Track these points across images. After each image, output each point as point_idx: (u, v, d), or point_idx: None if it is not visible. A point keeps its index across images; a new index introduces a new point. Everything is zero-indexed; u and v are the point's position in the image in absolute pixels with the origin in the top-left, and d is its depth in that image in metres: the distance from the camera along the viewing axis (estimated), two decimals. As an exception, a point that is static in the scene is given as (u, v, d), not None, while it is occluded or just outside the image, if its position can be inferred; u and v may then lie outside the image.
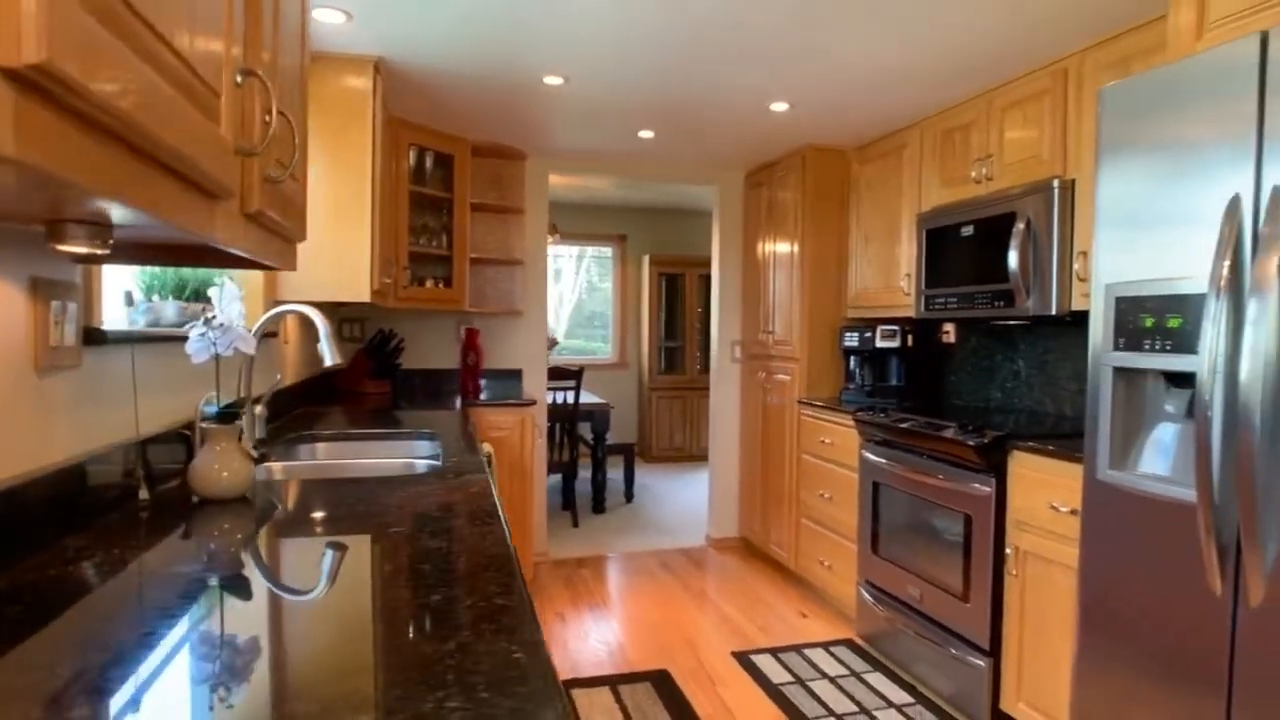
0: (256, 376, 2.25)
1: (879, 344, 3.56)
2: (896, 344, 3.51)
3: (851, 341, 3.72)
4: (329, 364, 1.89)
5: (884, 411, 3.16)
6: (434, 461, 2.05)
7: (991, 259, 2.81)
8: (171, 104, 0.65)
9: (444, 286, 3.85)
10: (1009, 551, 2.41)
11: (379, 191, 2.86)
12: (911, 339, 3.53)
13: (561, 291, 7.55)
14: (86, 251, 0.85)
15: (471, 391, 3.90)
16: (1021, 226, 2.64)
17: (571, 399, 5.07)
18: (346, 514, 1.37)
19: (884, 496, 3.07)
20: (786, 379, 4.06)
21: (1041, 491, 2.29)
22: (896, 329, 3.51)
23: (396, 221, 3.44)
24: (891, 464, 3.00)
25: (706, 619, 3.53)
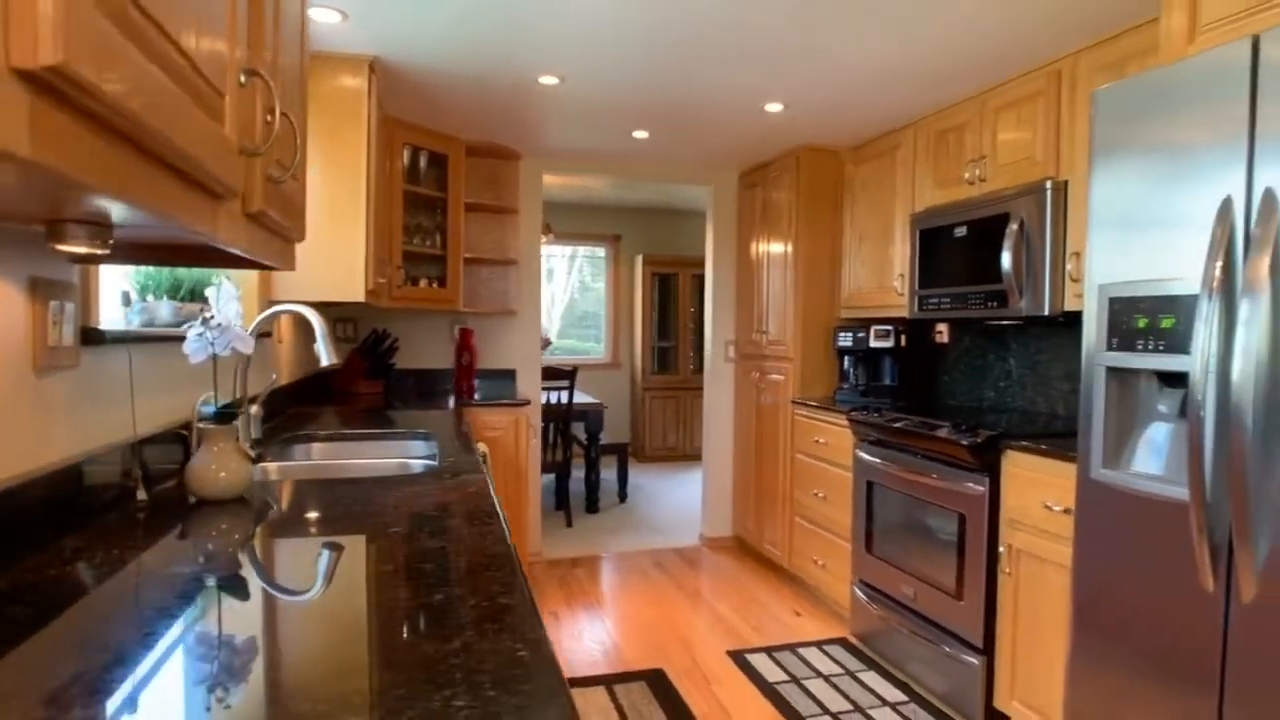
0: (251, 376, 2.24)
1: (873, 344, 3.58)
2: (890, 344, 3.53)
3: (845, 341, 3.74)
4: (326, 364, 1.89)
5: (878, 411, 3.18)
6: (430, 461, 2.05)
7: (985, 260, 2.82)
8: (179, 104, 0.66)
9: (438, 286, 3.84)
10: (1002, 550, 2.43)
11: (374, 191, 2.86)
12: (905, 339, 3.55)
13: (554, 291, 7.54)
14: (86, 251, 0.85)
15: (466, 391, 3.90)
16: (1015, 227, 2.66)
17: (565, 399, 5.08)
18: (345, 514, 1.37)
19: (878, 496, 3.09)
20: (780, 379, 4.07)
21: (1035, 490, 2.31)
22: (890, 329, 3.53)
23: (391, 221, 3.43)
24: (885, 463, 3.01)
25: (701, 618, 3.53)
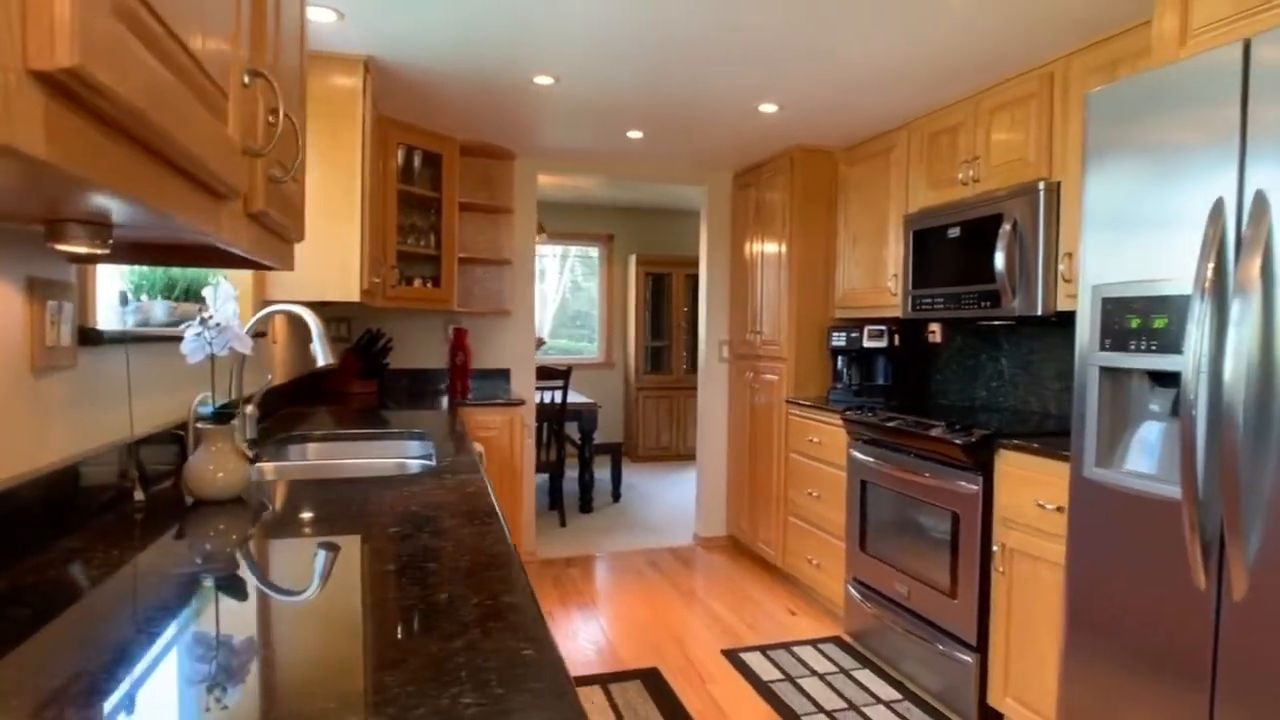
0: (245, 376, 2.24)
1: (866, 344, 3.60)
2: (883, 344, 3.54)
3: (839, 341, 3.75)
4: (322, 364, 1.88)
5: (872, 410, 3.19)
6: (428, 462, 2.04)
7: (978, 260, 2.84)
8: (187, 105, 0.66)
9: (432, 286, 3.84)
10: (996, 549, 2.45)
11: (368, 191, 2.85)
12: (898, 339, 3.57)
13: (545, 291, 7.54)
14: (86, 251, 0.85)
15: (460, 391, 3.90)
16: (1008, 228, 2.68)
17: (559, 399, 5.08)
18: (344, 514, 1.37)
19: (872, 495, 3.10)
20: (774, 378, 4.09)
21: (1028, 489, 2.32)
22: (883, 329, 3.55)
23: (385, 221, 3.42)
24: (879, 463, 3.03)
25: (695, 617, 3.54)
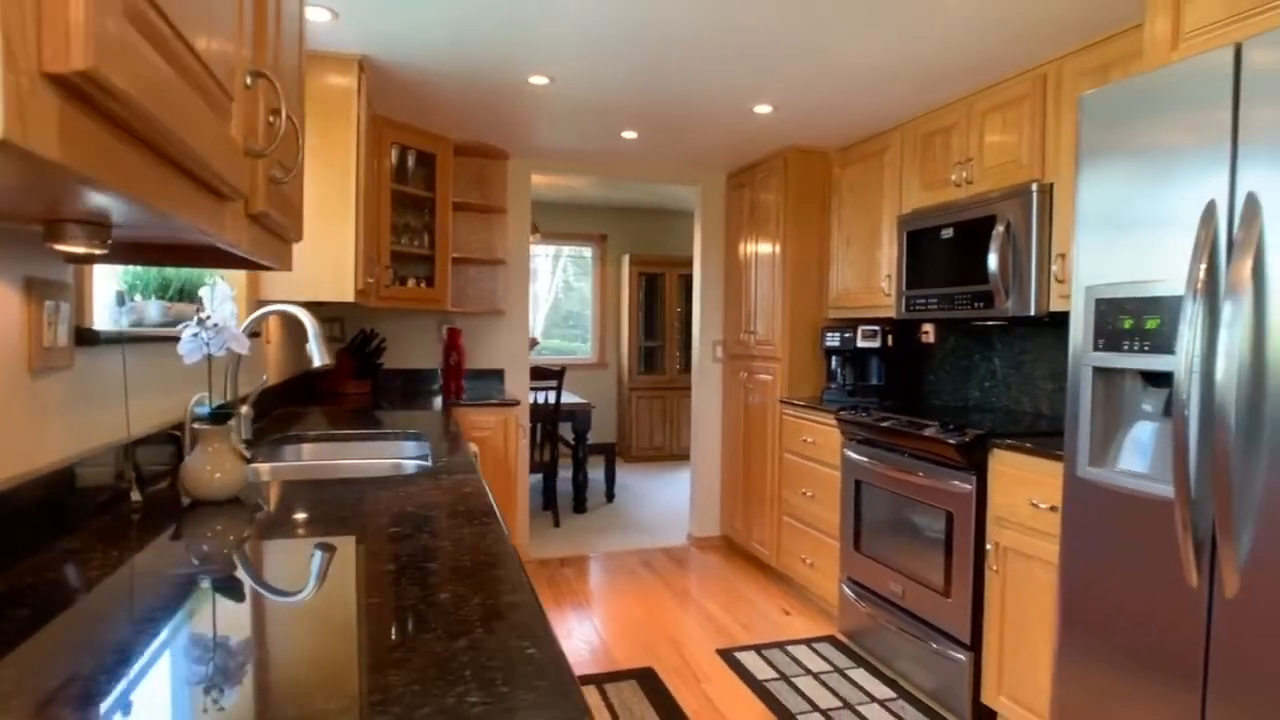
0: (240, 376, 2.23)
1: (860, 344, 3.61)
2: (877, 344, 3.56)
3: (833, 342, 3.77)
4: (318, 364, 1.88)
5: (866, 410, 3.20)
6: (424, 462, 2.04)
7: (971, 261, 2.86)
8: (193, 107, 0.66)
9: (426, 286, 3.83)
10: (989, 548, 2.46)
11: (363, 190, 2.85)
12: (892, 339, 3.58)
13: (537, 291, 7.53)
14: (85, 251, 0.85)
15: (454, 391, 3.89)
16: (1001, 229, 2.69)
17: (553, 399, 5.07)
18: (342, 515, 1.37)
19: (866, 494, 3.12)
20: (768, 379, 4.10)
21: (1021, 489, 2.34)
22: (877, 329, 3.56)
23: (379, 221, 3.42)
24: (873, 462, 3.04)
25: (690, 617, 3.55)
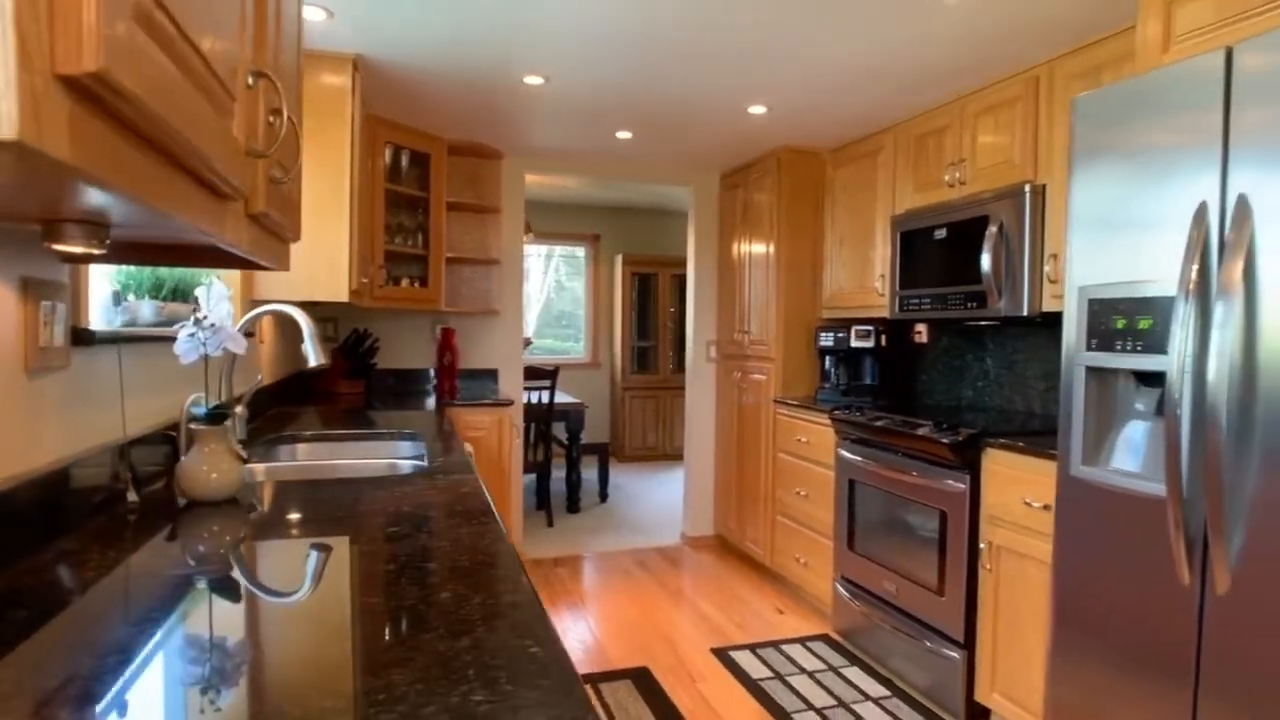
0: (235, 376, 2.22)
1: (854, 344, 3.63)
2: (871, 344, 3.58)
3: (827, 341, 3.78)
4: (314, 364, 1.88)
5: (859, 410, 3.22)
6: (419, 462, 2.04)
7: (964, 261, 2.87)
8: (198, 107, 0.66)
9: (420, 286, 3.82)
10: (983, 546, 2.48)
11: (357, 190, 2.84)
12: (885, 339, 3.60)
13: (529, 291, 7.52)
14: (83, 251, 0.84)
15: (448, 391, 3.88)
16: (994, 230, 2.71)
17: (546, 399, 5.07)
18: (340, 515, 1.37)
19: (860, 494, 3.13)
20: (762, 378, 4.11)
21: (1015, 488, 2.36)
22: (871, 329, 3.58)
23: (373, 220, 3.41)
24: (867, 462, 3.06)
25: (684, 616, 3.56)
